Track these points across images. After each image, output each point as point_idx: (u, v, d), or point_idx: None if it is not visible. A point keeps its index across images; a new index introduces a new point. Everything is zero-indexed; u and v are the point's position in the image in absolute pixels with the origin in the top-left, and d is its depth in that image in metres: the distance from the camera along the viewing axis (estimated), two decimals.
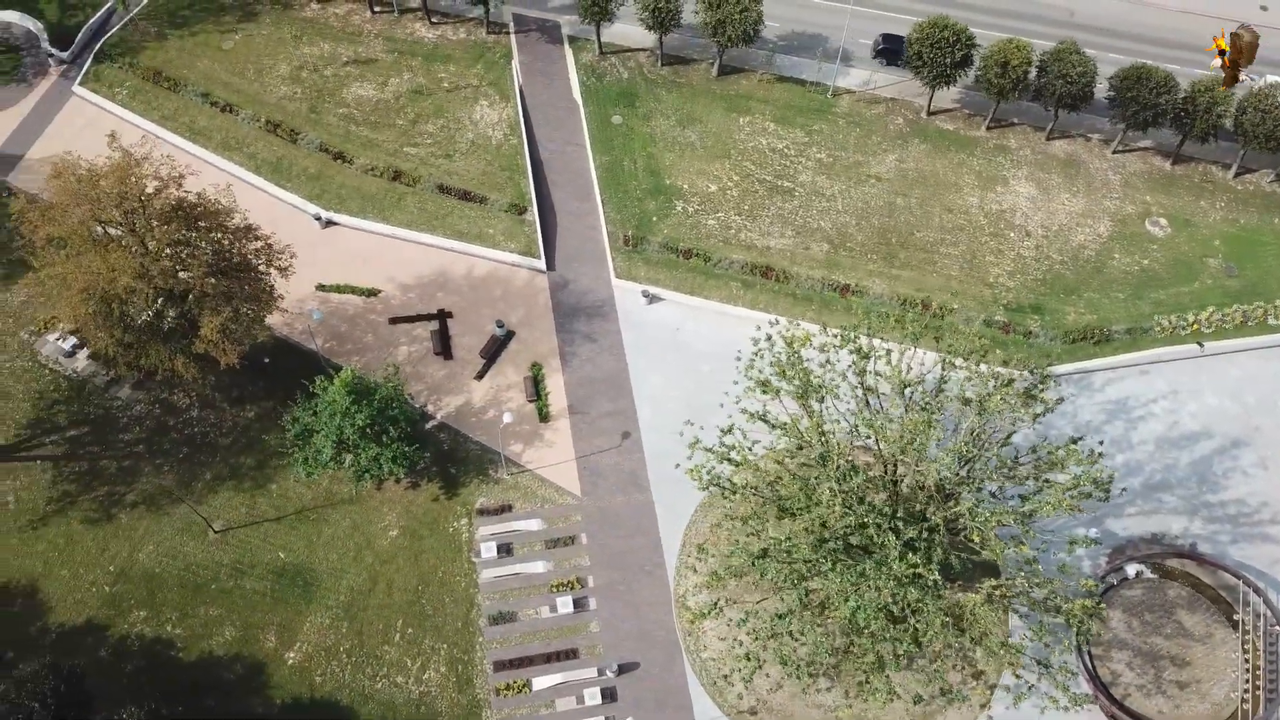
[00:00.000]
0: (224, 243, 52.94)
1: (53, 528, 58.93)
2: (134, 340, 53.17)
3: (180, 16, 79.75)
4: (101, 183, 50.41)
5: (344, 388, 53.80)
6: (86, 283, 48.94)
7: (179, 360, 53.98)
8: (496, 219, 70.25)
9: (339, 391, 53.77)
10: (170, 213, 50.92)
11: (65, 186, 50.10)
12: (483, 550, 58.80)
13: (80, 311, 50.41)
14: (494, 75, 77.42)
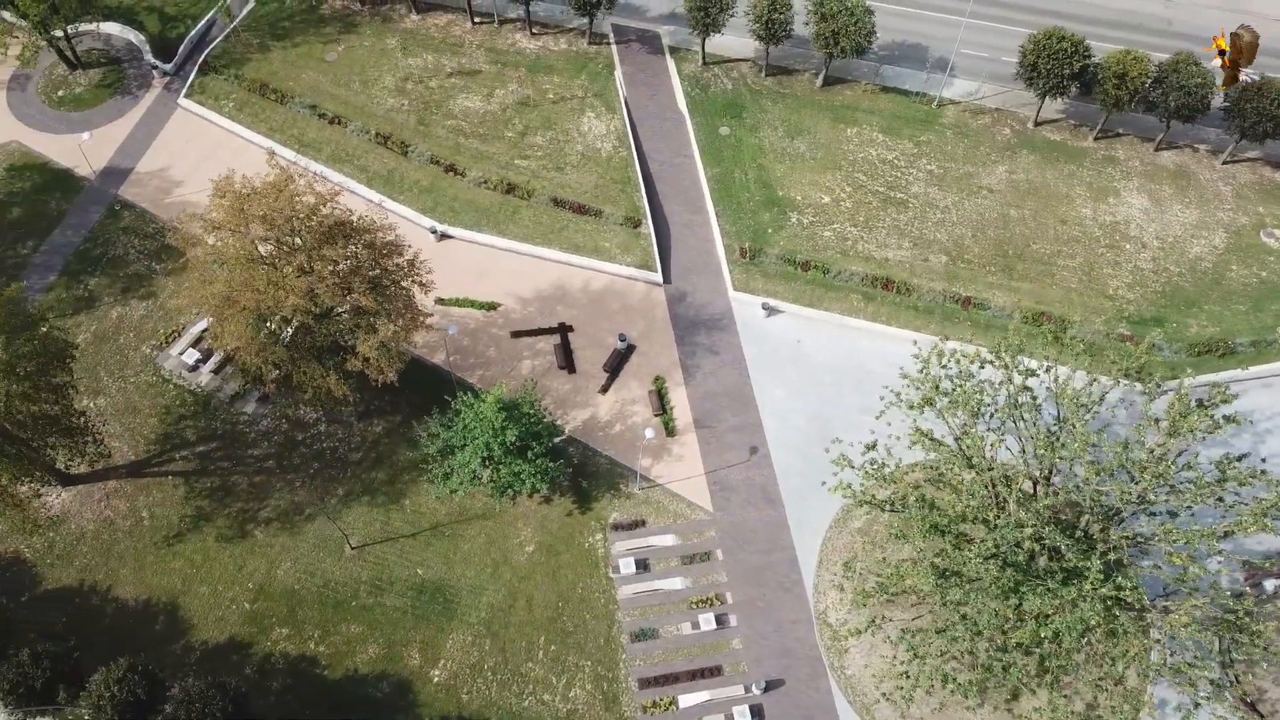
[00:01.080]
0: (377, 259, 52.64)
1: (189, 544, 58.84)
2: (286, 359, 52.89)
3: (281, 28, 79.68)
4: (261, 200, 50.11)
5: (497, 404, 53.53)
6: (255, 302, 48.68)
7: (331, 379, 53.72)
8: (611, 232, 70.03)
9: (491, 408, 53.51)
10: (333, 230, 50.67)
11: (231, 205, 49.77)
12: (621, 566, 58.66)
13: (244, 332, 50.16)
14: (598, 86, 77.23)
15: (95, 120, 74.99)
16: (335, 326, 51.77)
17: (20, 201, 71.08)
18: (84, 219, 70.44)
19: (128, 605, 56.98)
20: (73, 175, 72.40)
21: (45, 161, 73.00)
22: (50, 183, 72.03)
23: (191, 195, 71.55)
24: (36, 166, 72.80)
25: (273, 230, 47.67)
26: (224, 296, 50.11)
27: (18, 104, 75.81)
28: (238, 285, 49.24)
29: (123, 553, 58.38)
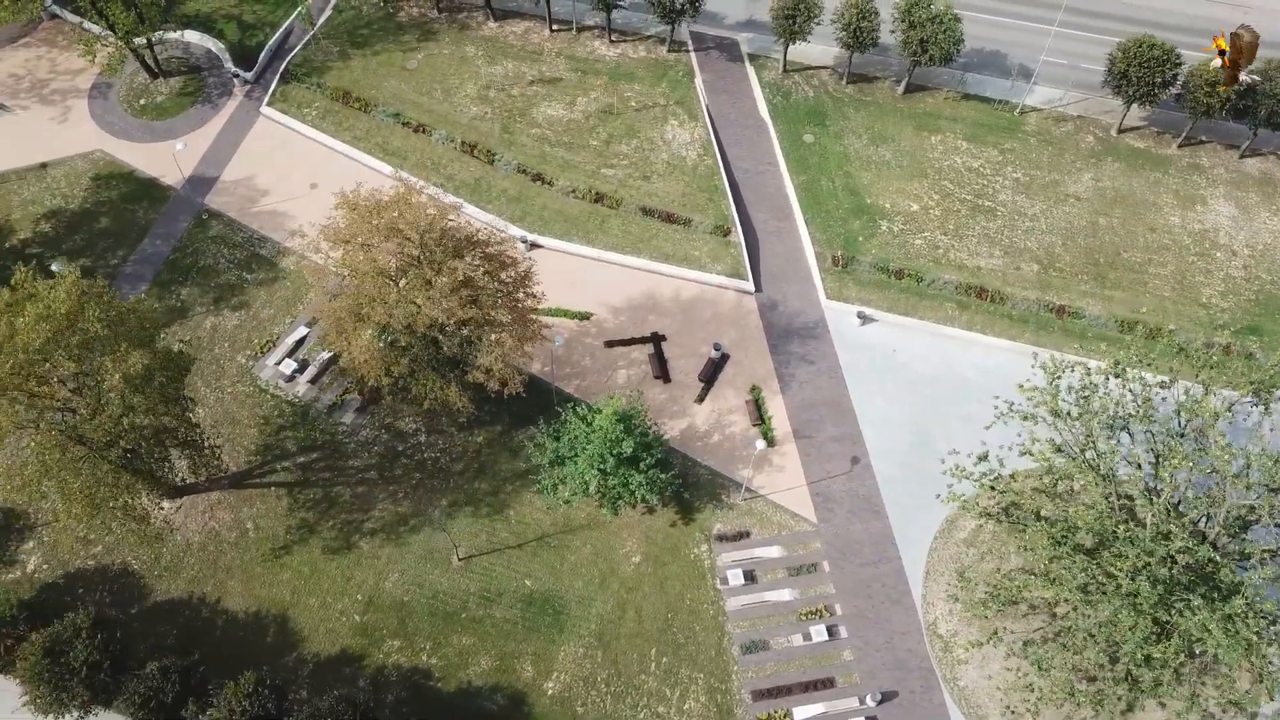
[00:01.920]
0: (493, 272, 52.40)
1: (296, 556, 58.68)
2: (408, 371, 52.71)
3: (360, 35, 79.52)
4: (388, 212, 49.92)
5: (614, 415, 53.35)
6: (386, 316, 48.46)
7: (452, 390, 53.53)
8: (701, 240, 69.85)
9: (609, 419, 53.33)
10: (461, 244, 50.48)
11: (361, 218, 49.55)
12: (729, 577, 58.46)
13: (371, 345, 49.95)
14: (679, 94, 77.06)
15: (178, 129, 74.86)
16: (459, 339, 51.53)
17: (108, 211, 70.94)
18: (172, 228, 70.31)
19: (238, 617, 56.86)
20: (158, 184, 72.27)
21: (131, 170, 72.86)
22: (137, 192, 71.89)
23: (279, 204, 71.52)
24: (122, 175, 72.66)
25: (406, 244, 47.39)
26: (352, 310, 49.87)
27: (100, 112, 75.68)
28: (367, 299, 49.00)
29: (230, 565, 58.27)
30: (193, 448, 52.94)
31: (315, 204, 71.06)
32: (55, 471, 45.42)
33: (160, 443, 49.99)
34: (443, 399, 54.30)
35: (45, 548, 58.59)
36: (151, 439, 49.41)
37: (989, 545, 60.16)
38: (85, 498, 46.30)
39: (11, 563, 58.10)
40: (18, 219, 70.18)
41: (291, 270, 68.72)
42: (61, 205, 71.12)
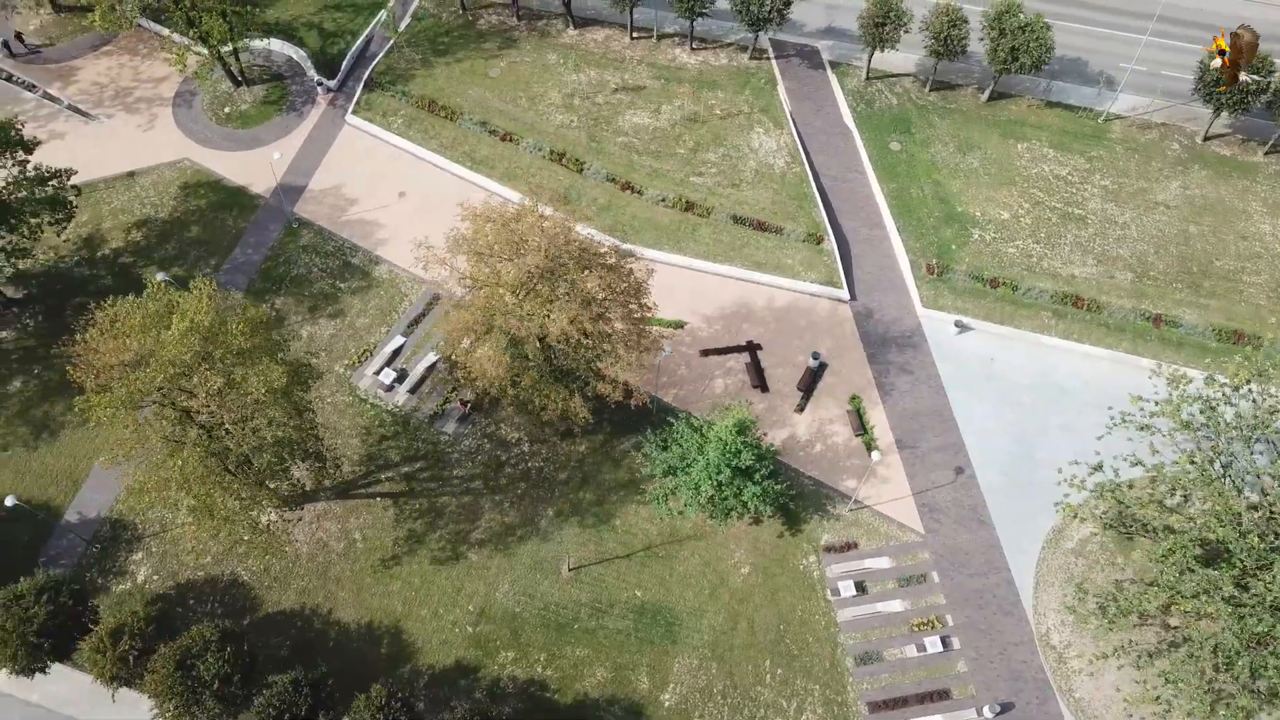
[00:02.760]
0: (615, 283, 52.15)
1: (405, 567, 58.50)
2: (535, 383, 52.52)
3: (441, 44, 79.43)
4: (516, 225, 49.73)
5: (736, 427, 53.18)
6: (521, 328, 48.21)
7: (575, 401, 53.35)
8: (794, 248, 69.69)
9: (728, 431, 53.15)
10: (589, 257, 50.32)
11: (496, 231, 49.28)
12: (841, 589, 58.26)
13: (500, 357, 49.72)
14: (763, 102, 76.91)
15: (263, 137, 74.78)
16: (585, 351, 51.33)
17: (198, 219, 70.84)
18: (263, 237, 70.22)
19: (350, 629, 56.67)
20: (247, 192, 72.19)
21: (218, 179, 72.75)
22: (225, 200, 71.80)
23: (368, 213, 71.41)
24: (210, 184, 72.56)
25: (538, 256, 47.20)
26: (482, 321, 49.63)
27: (185, 121, 75.59)
28: (499, 311, 48.75)
29: (339, 575, 58.09)
30: (317, 459, 52.77)
31: (404, 213, 71.34)
32: (195, 485, 45.20)
33: (289, 454, 49.75)
34: (565, 410, 54.06)
35: (154, 559, 58.46)
36: (282, 451, 49.18)
37: (1096, 556, 59.93)
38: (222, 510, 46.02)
39: (122, 573, 57.98)
40: (109, 228, 70.10)
41: (384, 279, 68.61)
42: (151, 214, 71.04)
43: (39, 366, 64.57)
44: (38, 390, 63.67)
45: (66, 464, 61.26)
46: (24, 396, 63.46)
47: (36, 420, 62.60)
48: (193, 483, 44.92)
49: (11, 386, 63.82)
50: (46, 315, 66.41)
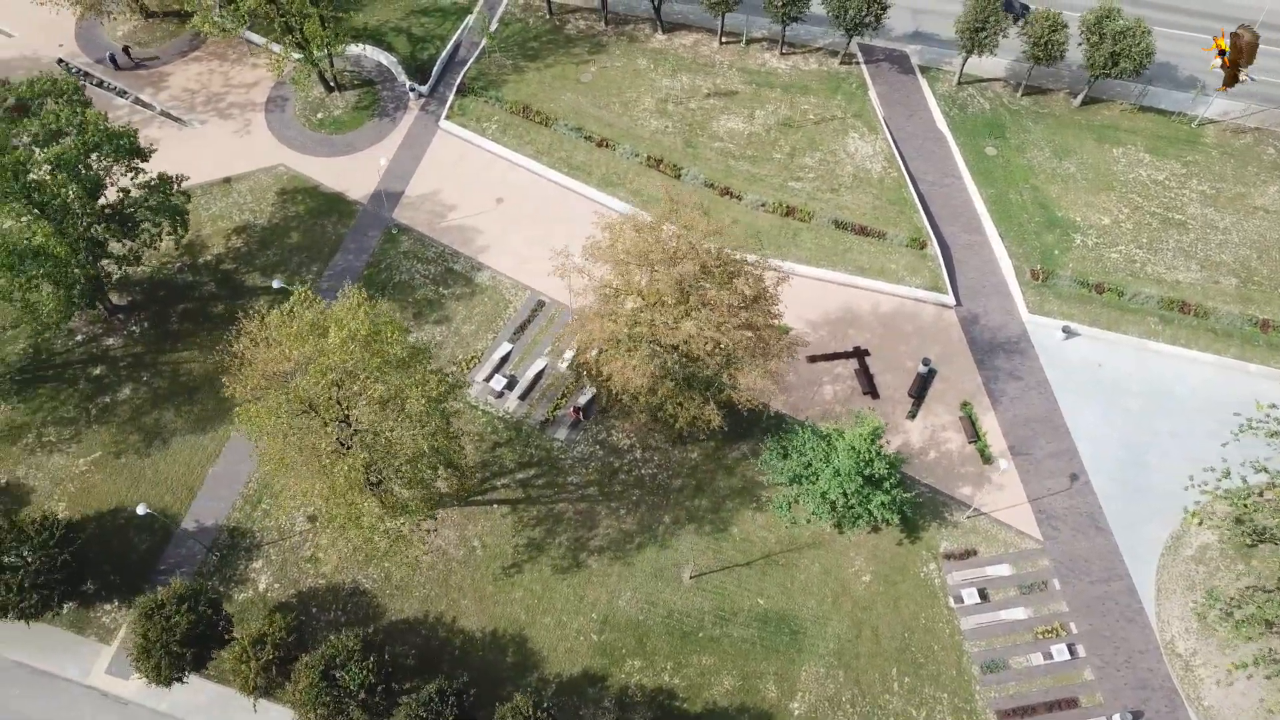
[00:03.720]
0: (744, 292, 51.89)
1: (526, 574, 58.31)
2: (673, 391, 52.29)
3: (531, 49, 79.28)
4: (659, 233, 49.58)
5: (871, 435, 52.98)
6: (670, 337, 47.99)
7: (710, 408, 53.14)
8: (897, 253, 69.49)
9: (862, 439, 52.95)
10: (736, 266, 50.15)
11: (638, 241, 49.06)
12: (964, 596, 58.03)
13: (645, 365, 49.50)
14: (856, 106, 76.72)
15: (357, 142, 74.71)
16: (720, 358, 51.13)
17: (297, 225, 70.72)
18: (363, 243, 70.09)
19: (475, 637, 56.48)
20: (344, 198, 72.05)
21: (315, 185, 72.64)
22: (323, 206, 71.67)
23: (466, 219, 71.26)
24: (307, 190, 72.45)
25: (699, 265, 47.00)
26: (627, 330, 49.41)
27: (278, 126, 75.49)
28: (646, 320, 48.53)
29: (461, 583, 57.90)
30: (456, 468, 52.55)
31: (503, 219, 71.24)
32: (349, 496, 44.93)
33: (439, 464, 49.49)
34: (702, 418, 53.86)
35: (274, 566, 58.31)
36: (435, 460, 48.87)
37: (1217, 563, 59.62)
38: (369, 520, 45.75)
39: (243, 581, 57.84)
40: (209, 234, 69.99)
41: (488, 285, 68.44)
42: (250, 220, 70.93)
43: (147, 373, 64.45)
44: (147, 397, 63.52)
45: (180, 471, 61.13)
46: (134, 404, 63.31)
47: (148, 428, 62.48)
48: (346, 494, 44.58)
49: (121, 394, 63.69)
50: (152, 322, 66.29)
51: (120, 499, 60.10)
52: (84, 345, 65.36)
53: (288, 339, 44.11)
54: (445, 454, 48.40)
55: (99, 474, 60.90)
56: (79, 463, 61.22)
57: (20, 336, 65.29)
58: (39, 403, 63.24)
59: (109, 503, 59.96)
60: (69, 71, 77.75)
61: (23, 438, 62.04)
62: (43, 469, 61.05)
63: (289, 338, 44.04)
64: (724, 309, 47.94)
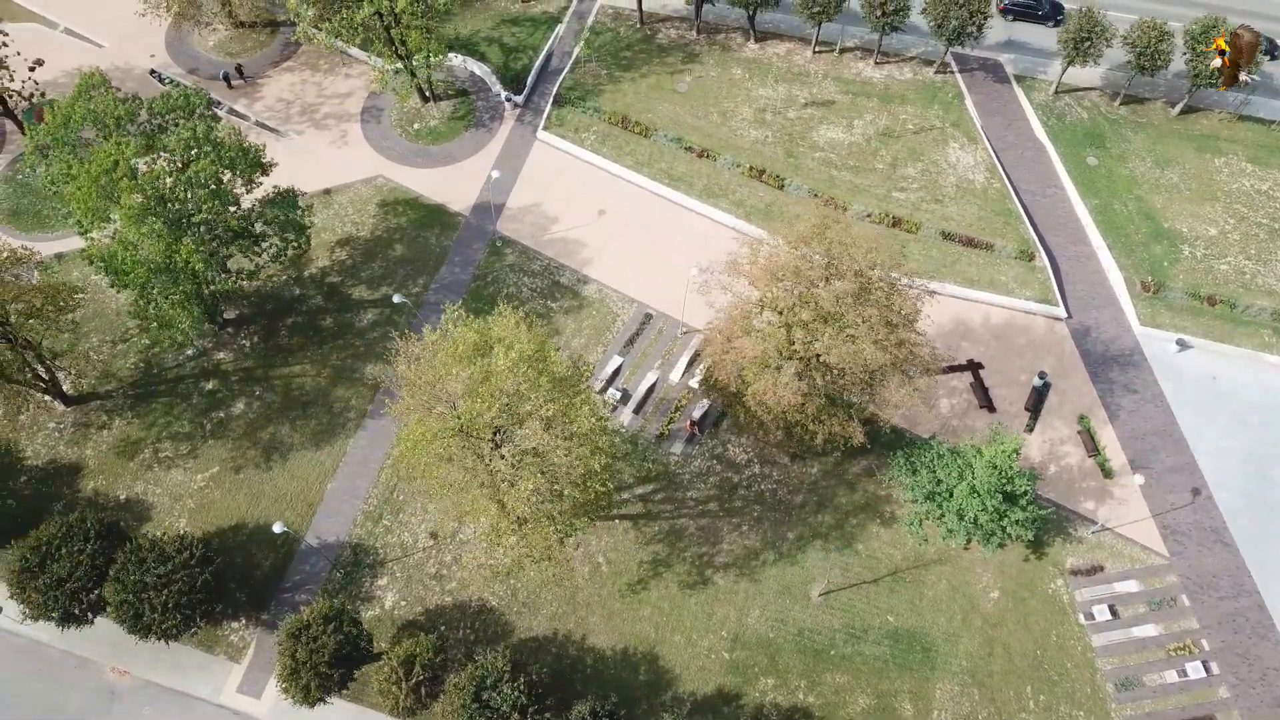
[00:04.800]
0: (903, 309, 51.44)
1: (653, 591, 57.95)
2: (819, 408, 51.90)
3: (624, 58, 78.86)
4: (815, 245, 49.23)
5: (1014, 452, 52.56)
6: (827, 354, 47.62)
7: (852, 425, 52.77)
8: (1006, 265, 69.04)
9: (1005, 456, 52.53)
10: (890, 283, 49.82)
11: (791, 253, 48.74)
12: (1095, 613, 57.61)
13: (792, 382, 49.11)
14: (954, 116, 76.23)
15: (455, 153, 74.33)
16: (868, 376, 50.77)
17: (400, 238, 70.35)
18: (468, 256, 69.71)
19: (606, 655, 56.12)
20: (446, 210, 71.66)
21: (415, 196, 72.27)
22: (425, 218, 71.29)
23: (569, 231, 70.86)
24: (407, 201, 72.08)
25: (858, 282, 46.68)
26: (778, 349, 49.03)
27: (375, 137, 75.11)
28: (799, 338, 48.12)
29: (588, 600, 57.55)
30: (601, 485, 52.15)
31: (606, 230, 70.86)
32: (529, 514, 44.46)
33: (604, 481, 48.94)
34: (843, 435, 53.51)
35: (399, 583, 57.96)
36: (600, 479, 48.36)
37: None
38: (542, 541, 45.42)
39: (369, 599, 57.50)
40: (313, 246, 69.32)
41: (595, 298, 68.06)
42: (353, 232, 70.56)
43: (259, 388, 64.14)
44: (262, 412, 63.20)
45: (299, 487, 60.81)
46: (248, 419, 62.99)
47: (264, 443, 62.16)
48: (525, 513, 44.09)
49: (235, 408, 63.38)
50: (262, 336, 65.96)
51: (240, 515, 59.83)
52: (195, 360, 65.07)
53: (452, 360, 43.66)
54: (611, 471, 47.95)
55: (218, 490, 60.66)
56: (197, 478, 60.99)
57: (131, 351, 65.08)
58: (154, 418, 63.01)
59: (229, 519, 59.71)
60: (161, 81, 77.47)
61: (140, 453, 61.81)
62: (161, 485, 60.82)
63: (453, 358, 43.60)
64: (881, 327, 47.56)
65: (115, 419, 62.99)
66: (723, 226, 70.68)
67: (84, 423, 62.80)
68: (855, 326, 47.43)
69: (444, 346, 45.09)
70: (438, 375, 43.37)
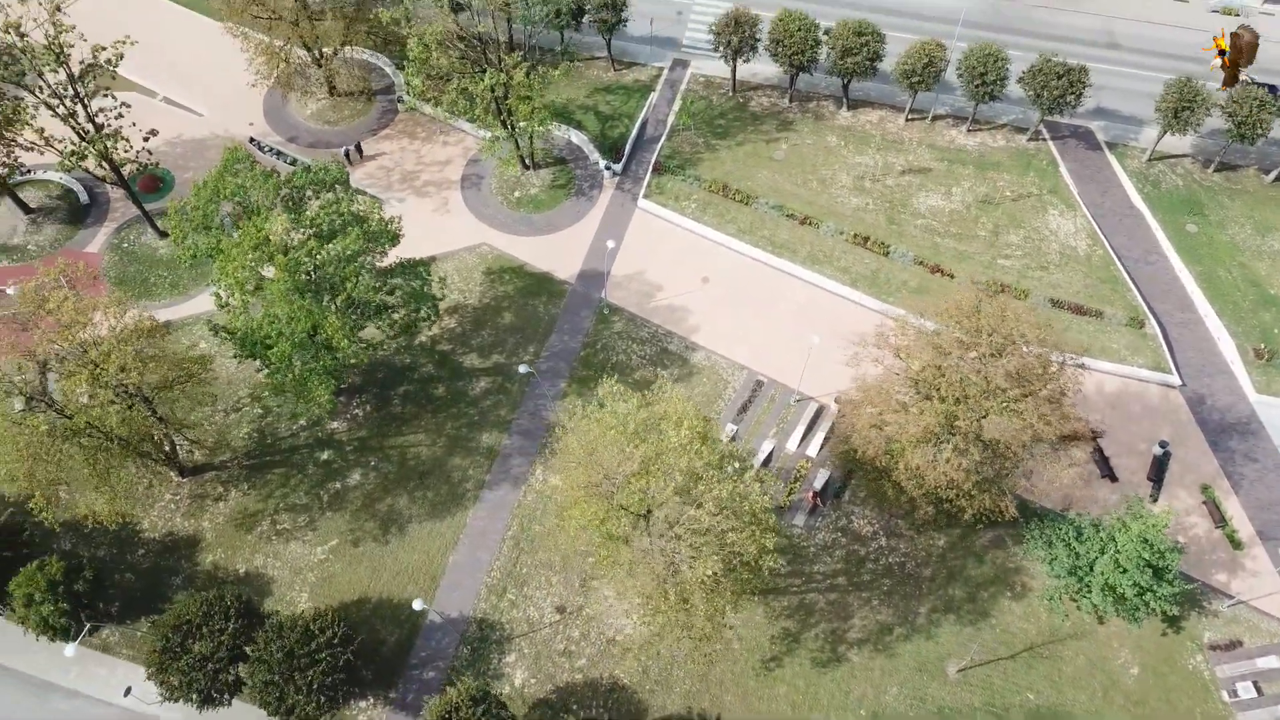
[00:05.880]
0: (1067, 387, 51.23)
1: (786, 668, 56.76)
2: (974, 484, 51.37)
3: (718, 125, 79.60)
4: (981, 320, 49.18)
5: (1164, 525, 51.84)
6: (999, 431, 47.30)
7: (1005, 502, 52.21)
8: (1116, 332, 68.88)
9: (1156, 530, 51.82)
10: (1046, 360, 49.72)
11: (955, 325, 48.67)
12: (1239, 690, 56.39)
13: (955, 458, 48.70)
14: (1049, 183, 76.70)
15: (558, 221, 74.67)
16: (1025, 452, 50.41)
17: (508, 305, 70.31)
18: (576, 323, 69.59)
19: None
20: (553, 278, 71.73)
21: (521, 264, 72.44)
22: (533, 286, 71.35)
23: (675, 299, 70.82)
24: (513, 269, 72.21)
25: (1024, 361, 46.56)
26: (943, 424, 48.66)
27: (477, 205, 75.51)
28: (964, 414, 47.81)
29: (721, 678, 56.36)
30: None
31: (711, 298, 70.90)
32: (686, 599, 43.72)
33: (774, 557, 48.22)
34: (995, 511, 52.92)
35: (528, 660, 56.82)
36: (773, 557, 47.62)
37: None
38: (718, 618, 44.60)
39: (498, 676, 56.29)
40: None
41: (704, 366, 67.79)
42: (461, 300, 70.54)
43: (375, 458, 63.60)
44: (378, 483, 62.58)
45: (420, 560, 59.97)
46: (365, 490, 62.35)
47: (382, 514, 61.45)
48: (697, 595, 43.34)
49: (351, 479, 62.79)
50: (374, 405, 65.60)
51: (363, 589, 58.89)
52: (308, 429, 64.66)
53: (621, 436, 43.15)
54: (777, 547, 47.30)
55: (338, 563, 59.82)
56: (317, 551, 60.18)
57: (244, 420, 64.66)
58: (270, 489, 62.38)
59: (352, 593, 58.77)
60: (261, 149, 78.11)
61: (257, 525, 61.08)
62: (281, 558, 60.00)
63: (623, 435, 43.11)
64: (1045, 402, 47.27)
65: (231, 490, 62.41)
66: (828, 293, 70.72)
67: (200, 494, 62.24)
68: (1019, 401, 47.12)
69: (605, 420, 44.64)
70: (606, 451, 42.83)
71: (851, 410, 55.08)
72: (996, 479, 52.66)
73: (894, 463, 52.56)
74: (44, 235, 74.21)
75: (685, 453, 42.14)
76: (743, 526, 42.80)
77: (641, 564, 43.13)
